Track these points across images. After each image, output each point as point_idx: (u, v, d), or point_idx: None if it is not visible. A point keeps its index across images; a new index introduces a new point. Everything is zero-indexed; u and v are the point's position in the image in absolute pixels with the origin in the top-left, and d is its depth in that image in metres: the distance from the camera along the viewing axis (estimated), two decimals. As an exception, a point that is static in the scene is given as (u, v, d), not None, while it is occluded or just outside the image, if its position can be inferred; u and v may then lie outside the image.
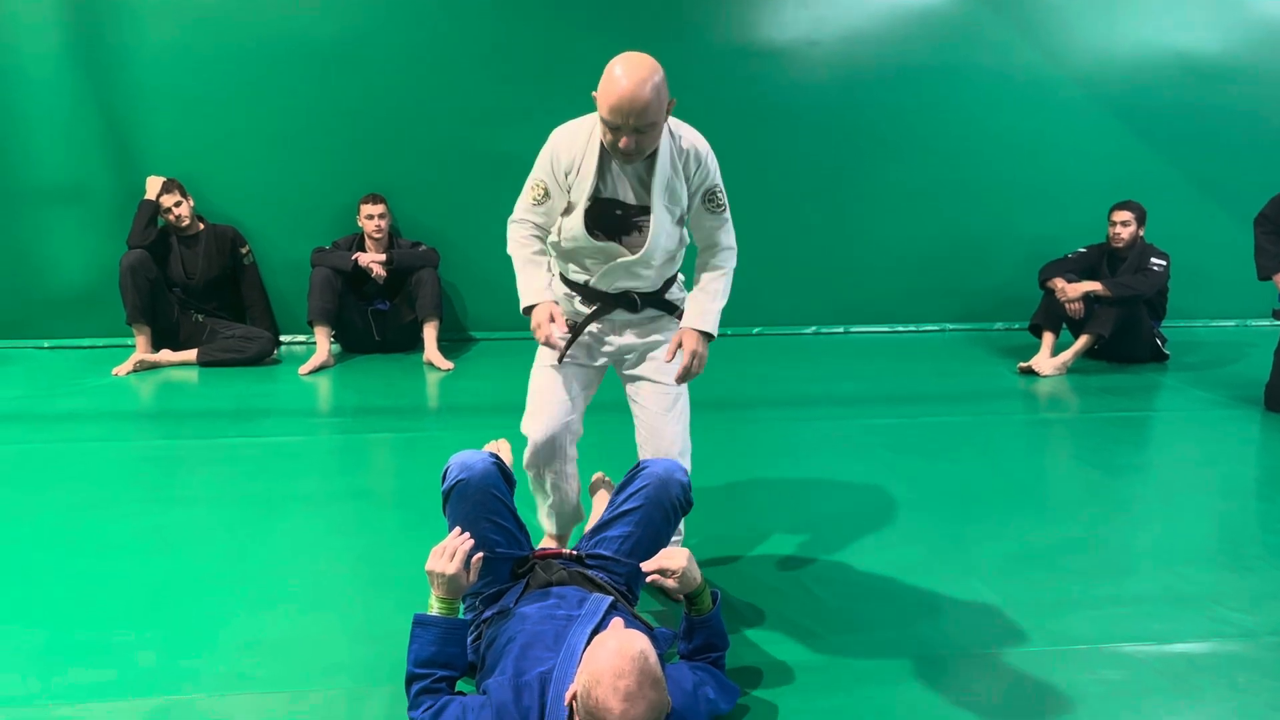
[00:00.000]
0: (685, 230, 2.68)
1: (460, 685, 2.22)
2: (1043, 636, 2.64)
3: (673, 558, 2.22)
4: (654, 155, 2.48)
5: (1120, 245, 5.50)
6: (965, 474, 3.86)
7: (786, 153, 6.11)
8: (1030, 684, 2.42)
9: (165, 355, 5.40)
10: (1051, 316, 5.57)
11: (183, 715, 2.25)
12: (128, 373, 5.23)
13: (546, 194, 2.57)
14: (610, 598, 2.24)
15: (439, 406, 4.87)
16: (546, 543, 2.93)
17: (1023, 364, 5.40)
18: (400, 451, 4.09)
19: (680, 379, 2.62)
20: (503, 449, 2.89)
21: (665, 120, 2.43)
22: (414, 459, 3.98)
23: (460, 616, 2.18)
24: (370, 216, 5.50)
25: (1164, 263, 5.44)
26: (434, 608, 2.16)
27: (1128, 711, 2.30)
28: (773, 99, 6.05)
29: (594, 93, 2.37)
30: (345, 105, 5.74)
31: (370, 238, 5.55)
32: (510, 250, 2.64)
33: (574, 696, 1.87)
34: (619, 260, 2.59)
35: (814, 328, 6.35)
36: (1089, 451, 4.21)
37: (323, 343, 5.44)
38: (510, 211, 2.66)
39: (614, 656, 1.81)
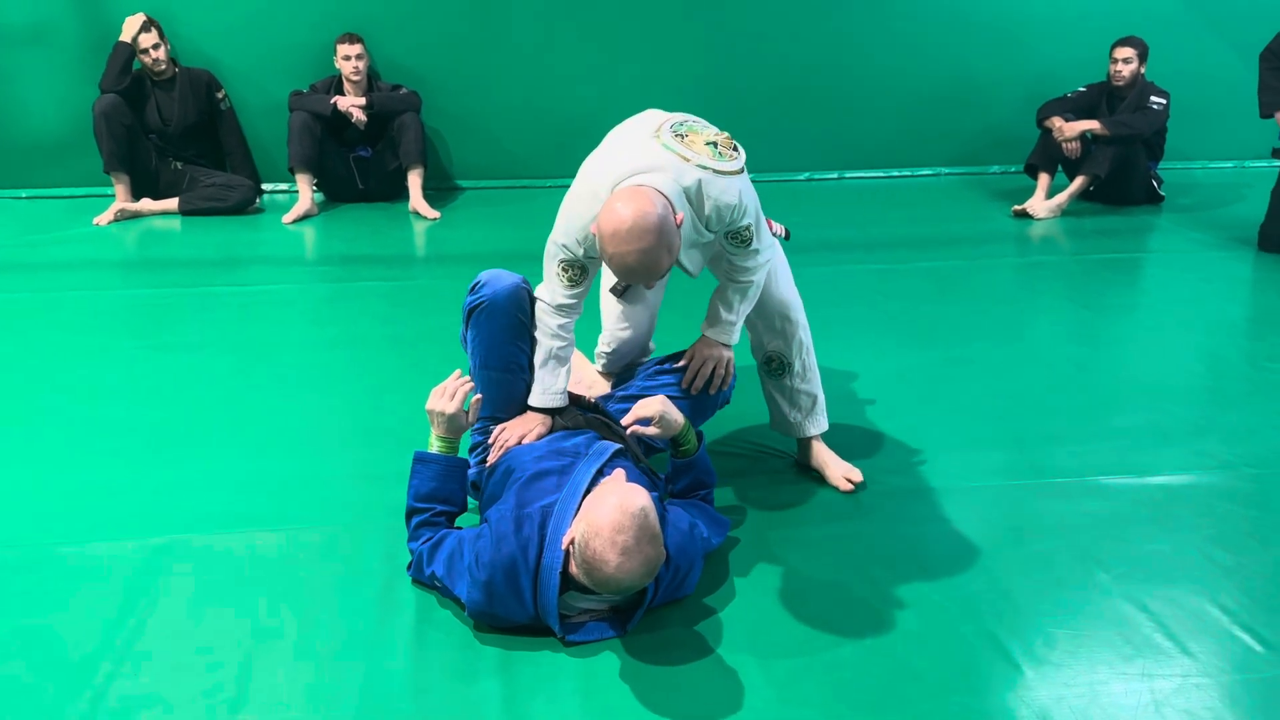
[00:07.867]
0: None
1: (460, 520, 2.26)
2: (1026, 470, 2.70)
3: (646, 406, 2.18)
4: None
5: (1121, 84, 5.36)
6: (955, 316, 3.86)
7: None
8: (1013, 516, 2.48)
9: (146, 204, 5.29)
10: (1048, 157, 5.47)
11: (183, 552, 2.30)
12: (109, 222, 5.13)
13: (583, 272, 2.27)
14: (618, 444, 2.23)
15: (427, 255, 4.81)
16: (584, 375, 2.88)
17: (1017, 207, 5.34)
18: (390, 300, 4.05)
19: (693, 389, 2.43)
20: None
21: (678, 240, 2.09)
22: (405, 307, 3.95)
23: (460, 455, 2.20)
24: (347, 57, 5.29)
25: (1164, 101, 5.31)
26: (434, 446, 2.17)
27: (1108, 540, 2.37)
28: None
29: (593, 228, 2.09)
30: (317, -63, 5.45)
31: (348, 80, 5.35)
32: (538, 339, 2.34)
33: (571, 542, 1.89)
34: None
35: (806, 174, 6.23)
36: (1080, 292, 4.20)
37: (305, 190, 5.32)
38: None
39: (614, 511, 1.81)
